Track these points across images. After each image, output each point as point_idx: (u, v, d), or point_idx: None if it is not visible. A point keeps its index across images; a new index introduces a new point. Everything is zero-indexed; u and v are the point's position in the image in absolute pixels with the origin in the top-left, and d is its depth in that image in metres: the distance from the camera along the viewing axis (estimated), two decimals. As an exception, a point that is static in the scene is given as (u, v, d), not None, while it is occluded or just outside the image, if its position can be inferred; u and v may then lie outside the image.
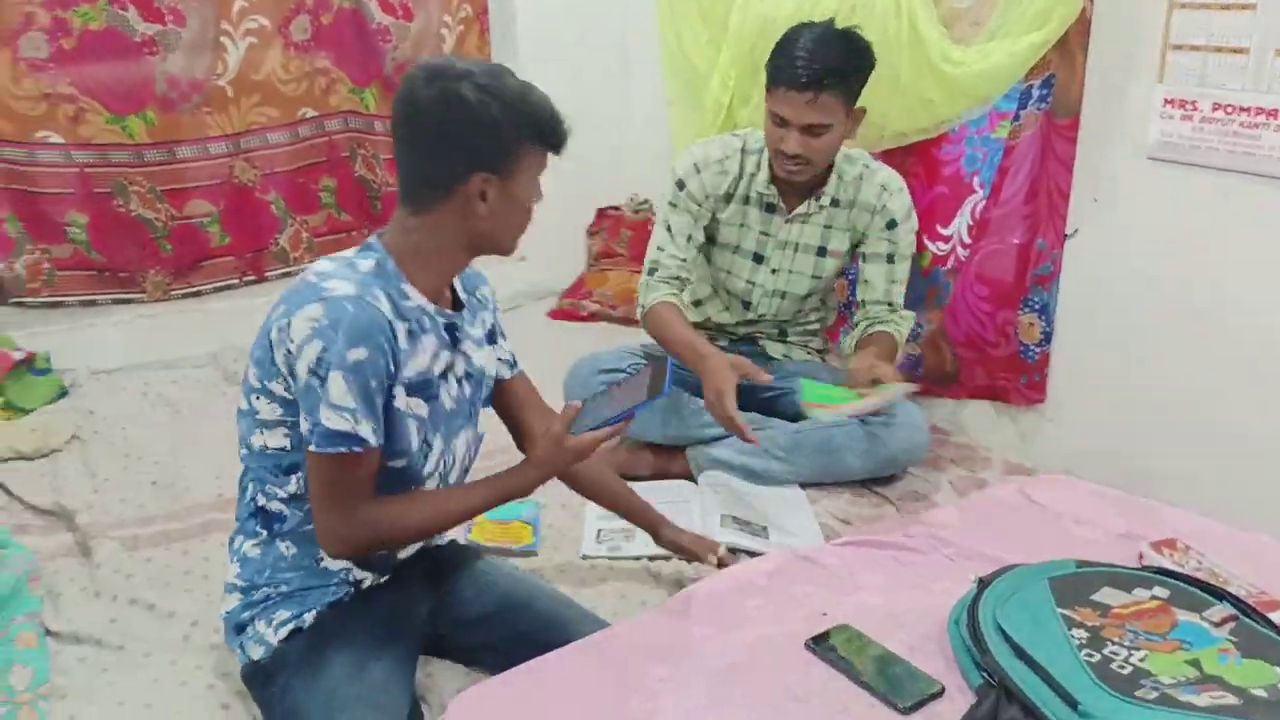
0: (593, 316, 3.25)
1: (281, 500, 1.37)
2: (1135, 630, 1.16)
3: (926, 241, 2.60)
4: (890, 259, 2.17)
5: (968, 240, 2.49)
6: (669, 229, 2.18)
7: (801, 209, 2.15)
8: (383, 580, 1.45)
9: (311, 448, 1.26)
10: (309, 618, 1.38)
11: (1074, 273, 2.23)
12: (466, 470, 1.52)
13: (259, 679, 1.40)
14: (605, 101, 3.37)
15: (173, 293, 2.94)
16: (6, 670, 1.47)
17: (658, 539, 1.73)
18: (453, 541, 1.63)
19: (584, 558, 1.85)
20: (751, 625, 1.31)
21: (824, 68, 1.93)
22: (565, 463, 1.44)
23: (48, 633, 1.62)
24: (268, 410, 1.33)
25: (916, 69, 2.34)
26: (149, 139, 2.81)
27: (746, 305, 2.29)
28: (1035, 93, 2.24)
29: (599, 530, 1.92)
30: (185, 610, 1.69)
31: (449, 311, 1.39)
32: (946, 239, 2.57)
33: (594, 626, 1.47)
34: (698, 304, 2.36)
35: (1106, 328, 2.19)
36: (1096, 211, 2.17)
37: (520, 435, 1.61)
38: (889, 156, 2.59)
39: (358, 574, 1.43)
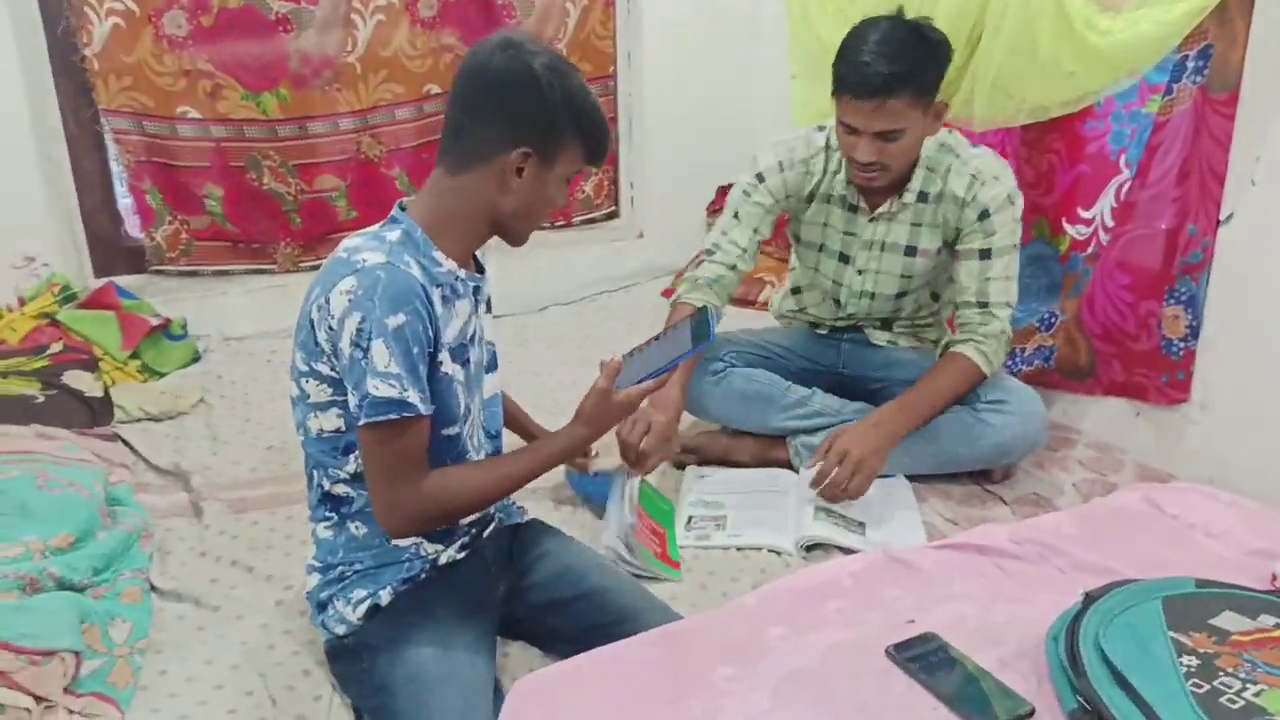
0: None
1: (344, 482, 1.38)
2: (1254, 661, 1.04)
3: (1065, 224, 2.44)
4: (985, 254, 1.97)
5: (1110, 224, 2.30)
6: (736, 215, 2.10)
7: (885, 207, 2.02)
8: (460, 556, 1.45)
9: (362, 421, 1.26)
10: (385, 595, 1.39)
11: (1226, 262, 2.03)
12: (491, 435, 1.51)
13: (344, 657, 1.42)
14: (730, 76, 3.30)
15: (302, 264, 3.03)
16: (109, 622, 1.53)
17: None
18: (533, 520, 1.62)
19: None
20: (831, 628, 1.24)
21: (887, 72, 1.78)
22: (614, 417, 1.46)
23: (153, 589, 1.68)
24: (318, 392, 1.33)
25: (1058, 38, 2.17)
26: (282, 115, 2.90)
27: (837, 303, 2.21)
28: (1190, 64, 2.04)
29: (690, 518, 1.87)
30: (281, 574, 1.73)
31: (477, 275, 1.41)
32: (1088, 222, 2.39)
33: (667, 618, 1.43)
34: (796, 291, 2.27)
35: (1260, 324, 1.98)
36: (1254, 196, 1.96)
37: None
38: (1027, 132, 2.44)
39: (429, 548, 1.42)
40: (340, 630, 1.40)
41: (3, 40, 2.54)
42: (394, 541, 1.40)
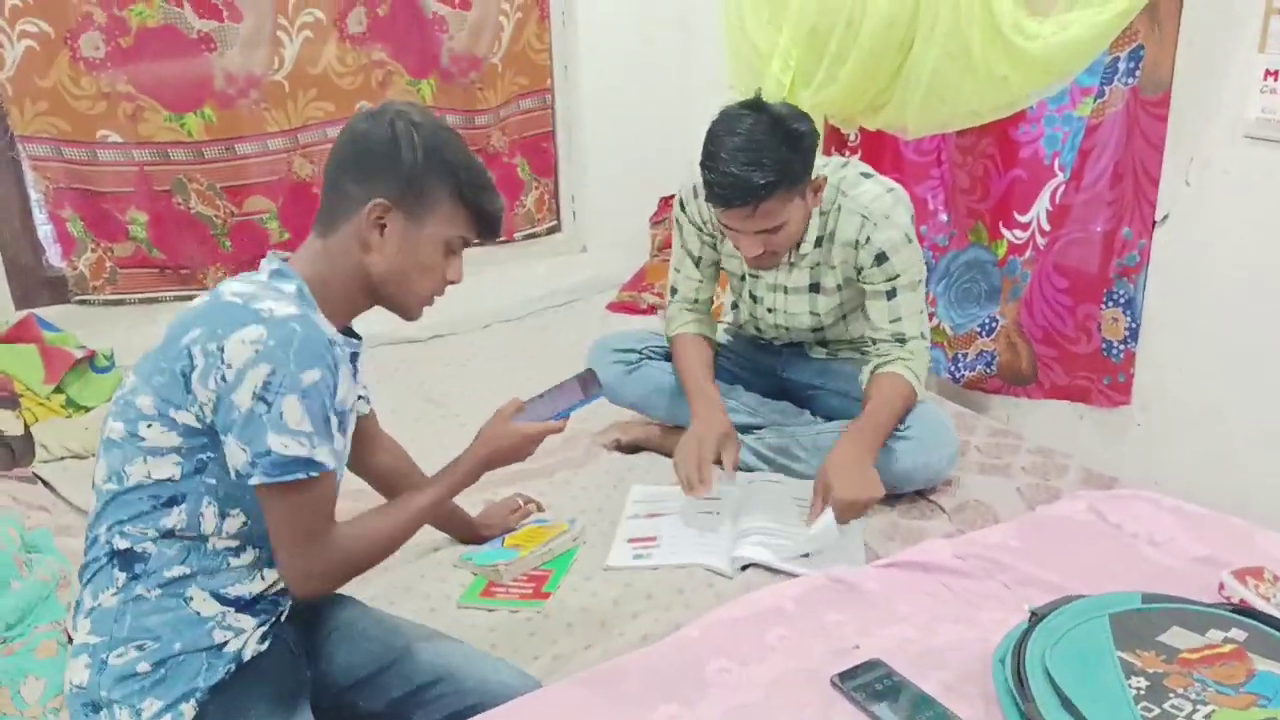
0: (652, 309, 3.14)
1: (151, 539, 1.22)
2: (1204, 680, 1.02)
3: (1002, 229, 2.44)
4: (890, 294, 1.92)
5: (1047, 228, 2.31)
6: (681, 247, 2.12)
7: (784, 258, 1.98)
8: (264, 647, 1.28)
9: (260, 481, 1.16)
10: (187, 710, 1.21)
11: (1163, 263, 2.04)
12: None
13: None
14: (667, 86, 3.28)
15: (233, 289, 2.94)
16: (21, 681, 1.45)
17: (473, 538, 1.81)
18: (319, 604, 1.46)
19: (606, 569, 1.76)
20: (774, 658, 1.20)
21: (754, 182, 1.71)
22: (512, 443, 1.46)
23: (70, 641, 1.60)
24: (161, 438, 1.19)
25: (988, 43, 2.17)
26: (207, 136, 2.81)
27: (759, 329, 2.21)
28: (1121, 66, 2.05)
29: (629, 538, 1.83)
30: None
31: (353, 340, 1.34)
32: (1024, 226, 2.40)
33: (490, 667, 1.36)
34: (735, 306, 2.26)
35: (1199, 324, 1.99)
36: (1189, 196, 1.97)
37: (369, 473, 1.62)
38: (962, 137, 2.44)
39: (235, 621, 1.26)
40: None
41: (-92, 66, 2.44)
42: (194, 606, 1.23)
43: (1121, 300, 2.11)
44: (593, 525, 1.90)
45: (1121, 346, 2.13)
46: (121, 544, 1.22)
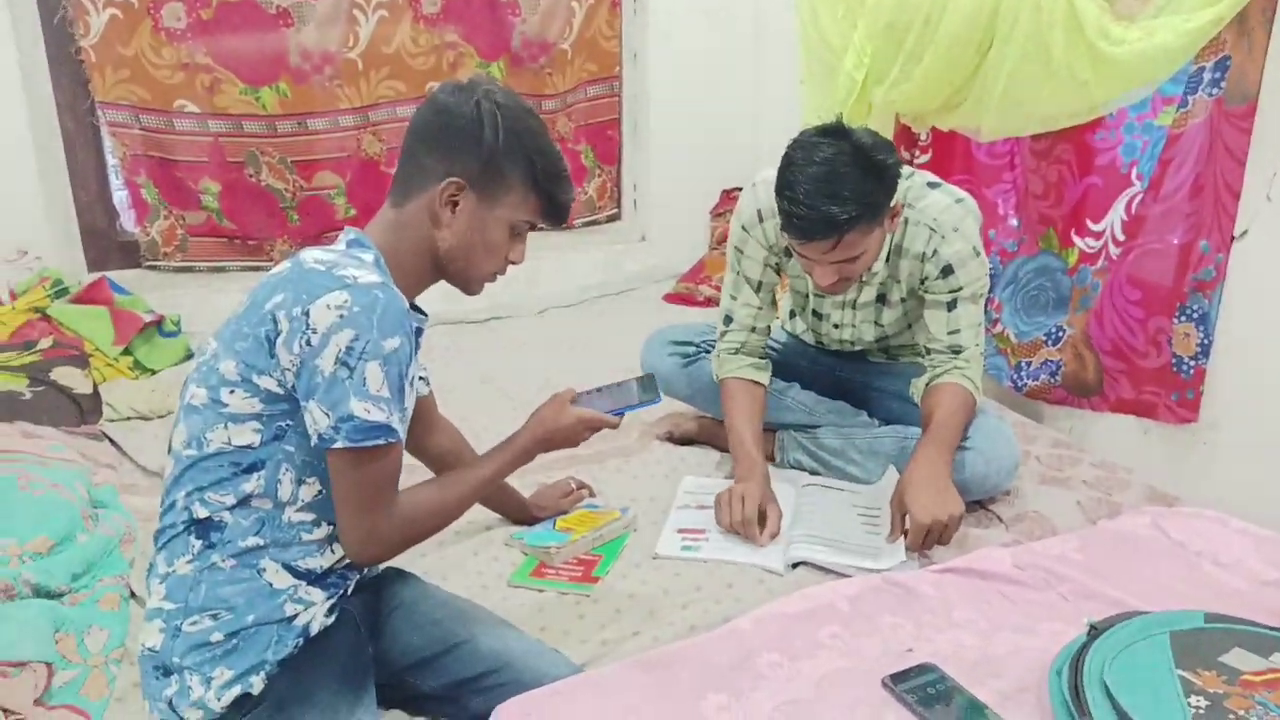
0: (709, 302, 3.13)
1: (227, 508, 1.23)
2: (1266, 703, 1.00)
3: (1074, 237, 2.39)
4: (951, 305, 1.86)
5: (1121, 238, 2.26)
6: (738, 273, 2.01)
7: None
8: (330, 621, 1.30)
9: (339, 445, 1.17)
10: (257, 682, 1.22)
11: (1240, 279, 1.98)
12: None
13: None
14: (737, 78, 3.27)
15: (298, 262, 2.99)
16: (85, 631, 1.49)
17: (525, 519, 1.82)
18: (389, 569, 1.49)
19: (655, 557, 1.76)
20: (826, 655, 1.20)
21: (835, 219, 1.63)
22: (569, 425, 1.47)
23: (132, 595, 1.64)
24: (243, 404, 1.21)
25: (1070, 47, 2.13)
26: (281, 110, 2.86)
27: (821, 343, 2.18)
28: (1206, 76, 1.99)
29: (679, 529, 1.83)
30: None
31: (419, 315, 1.36)
32: (1097, 235, 2.35)
33: (548, 661, 1.36)
34: (792, 315, 2.24)
35: (1273, 343, 1.93)
36: (1270, 212, 1.91)
37: (425, 454, 1.66)
38: (1036, 142, 2.40)
39: (306, 594, 1.28)
40: (195, 717, 1.21)
41: (-1, 30, 2.51)
42: (267, 578, 1.25)
43: (1195, 315, 2.06)
44: (643, 514, 1.90)
45: (1192, 363, 2.08)
46: (200, 512, 1.23)
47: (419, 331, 1.35)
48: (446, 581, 1.63)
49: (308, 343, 1.16)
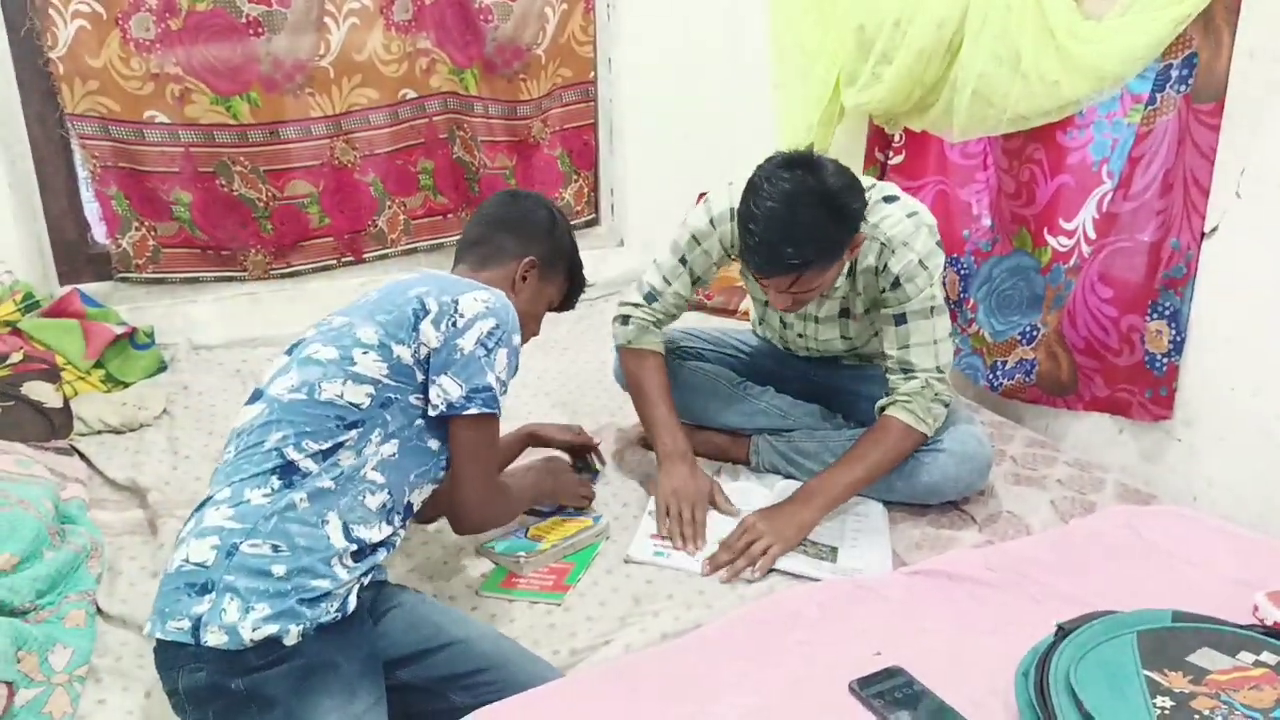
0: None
1: (314, 456, 1.34)
2: (1231, 702, 0.99)
3: (1047, 236, 2.39)
4: (899, 320, 1.85)
5: (1092, 236, 2.26)
6: (683, 260, 1.99)
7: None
8: (354, 605, 1.34)
9: (471, 410, 1.41)
10: (293, 633, 1.24)
11: (1211, 276, 1.98)
12: None
13: (220, 704, 1.24)
14: (711, 81, 3.25)
15: (272, 272, 2.97)
16: (49, 649, 1.47)
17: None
18: (385, 581, 1.51)
19: (627, 560, 1.75)
20: (793, 661, 1.19)
21: (787, 262, 1.65)
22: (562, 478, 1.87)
23: (99, 611, 1.62)
24: (371, 367, 1.40)
25: (1039, 46, 2.13)
26: (253, 119, 2.83)
27: (788, 348, 2.18)
28: (1174, 73, 2.00)
29: (651, 535, 1.82)
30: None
31: None
32: (1070, 234, 2.35)
33: (534, 663, 1.39)
34: (762, 320, 2.23)
35: (1246, 339, 1.94)
36: (1239, 208, 1.92)
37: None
38: (1008, 141, 2.40)
39: (349, 563, 1.33)
40: (218, 640, 1.21)
41: (-36, 43, 2.49)
42: (328, 528, 1.31)
43: (1167, 312, 2.06)
44: (617, 519, 1.89)
45: (1165, 360, 2.08)
46: (292, 454, 1.34)
47: None
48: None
49: (454, 324, 1.42)
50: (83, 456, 2.19)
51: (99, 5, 2.59)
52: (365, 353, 1.40)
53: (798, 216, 1.62)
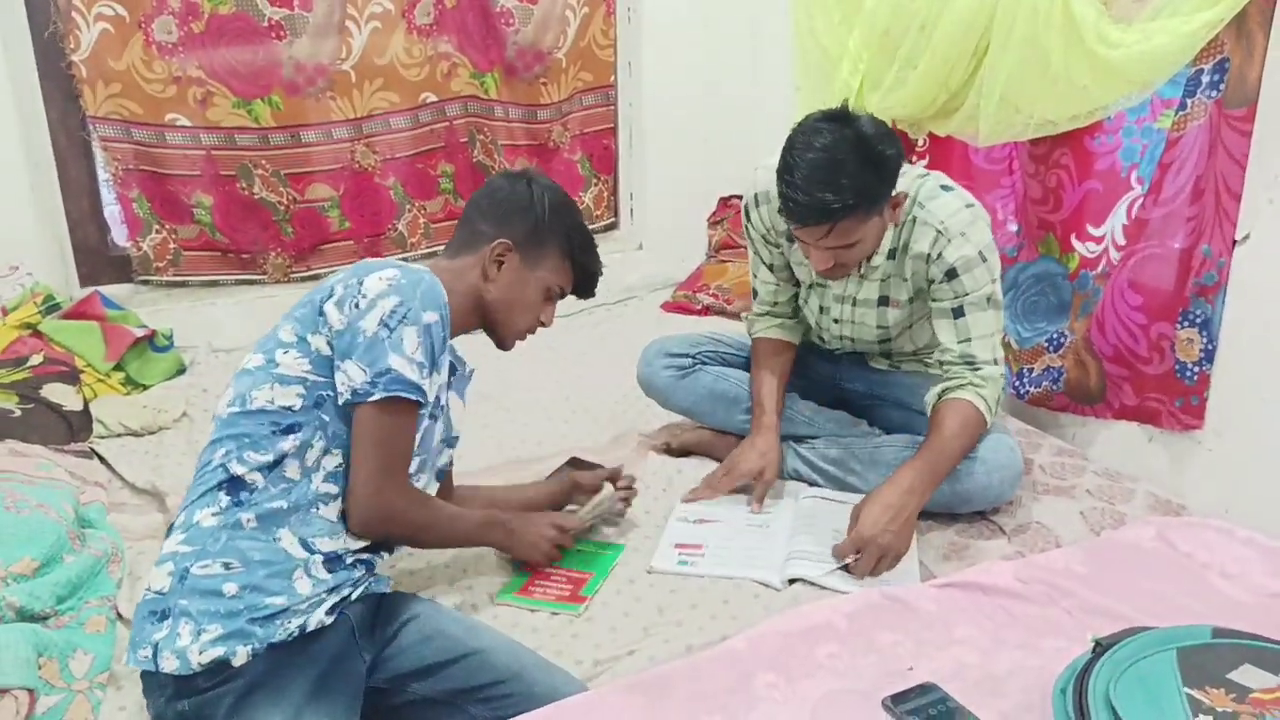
0: (706, 310, 3.10)
1: (259, 469, 1.32)
2: (1279, 724, 0.97)
3: (1075, 242, 2.36)
4: (957, 312, 1.84)
5: (1121, 242, 2.23)
6: (755, 252, 2.09)
7: (854, 270, 1.91)
8: (329, 620, 1.31)
9: (374, 397, 1.30)
10: (241, 654, 1.23)
11: (1243, 284, 1.95)
12: None
13: (162, 703, 1.25)
14: (732, 85, 3.25)
15: (292, 275, 2.97)
16: (70, 655, 1.46)
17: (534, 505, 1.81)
18: (398, 592, 1.51)
19: (650, 571, 1.73)
20: (823, 675, 1.17)
21: (830, 205, 1.64)
22: (539, 520, 1.67)
23: (119, 617, 1.61)
24: (293, 365, 1.34)
25: (1068, 51, 2.10)
26: (274, 123, 2.84)
27: (821, 339, 2.16)
28: (1205, 78, 1.97)
29: (675, 544, 1.80)
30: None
31: (457, 355, 1.56)
32: (1098, 240, 2.32)
33: (556, 676, 1.36)
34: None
35: (1277, 347, 1.91)
36: (1272, 215, 1.89)
37: None
38: (1035, 146, 2.37)
39: (318, 571, 1.31)
40: (170, 665, 1.22)
41: (-12, 45, 2.50)
42: (281, 543, 1.30)
43: (1198, 320, 2.03)
44: (640, 527, 1.88)
45: (1196, 368, 2.05)
46: (236, 469, 1.31)
47: (454, 371, 1.54)
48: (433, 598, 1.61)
49: (356, 305, 1.32)
50: (102, 459, 2.19)
51: (122, 8, 2.60)
52: (285, 351, 1.35)
53: (834, 161, 1.64)
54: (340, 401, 1.33)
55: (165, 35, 2.66)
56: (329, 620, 1.31)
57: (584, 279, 1.59)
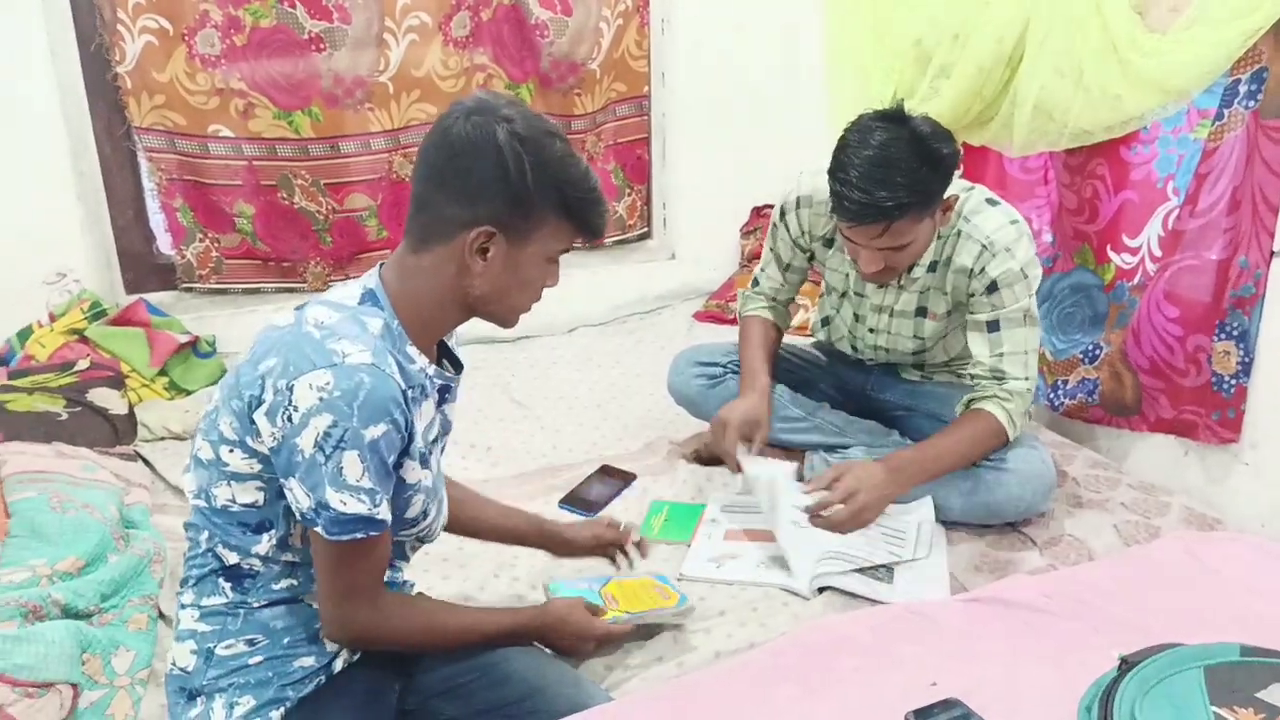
0: (738, 320, 3.10)
1: (256, 558, 1.22)
2: (1309, 747, 0.96)
3: (1110, 253, 2.35)
4: (993, 326, 1.84)
5: (1158, 253, 2.21)
6: (772, 250, 2.11)
7: (894, 280, 1.92)
8: (355, 658, 1.30)
9: (320, 534, 1.14)
10: (275, 717, 1.22)
11: (1281, 296, 1.93)
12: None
13: None
14: (766, 95, 3.24)
15: (331, 283, 3.01)
16: (112, 652, 1.51)
17: (557, 551, 1.64)
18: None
19: (680, 578, 1.73)
20: (845, 689, 1.18)
21: (885, 204, 1.63)
22: (580, 629, 1.42)
23: (161, 616, 1.66)
24: (242, 464, 1.17)
25: (1102, 60, 2.10)
26: (314, 134, 2.88)
27: (855, 348, 2.16)
28: (1242, 88, 1.95)
29: (705, 550, 1.81)
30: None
31: (447, 375, 1.30)
32: (1134, 251, 2.30)
33: (582, 690, 1.32)
34: (826, 322, 2.22)
35: (1318, 361, 1.89)
36: (1312, 226, 1.87)
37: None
38: (1070, 156, 2.36)
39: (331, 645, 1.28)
40: None
41: (38, 57, 2.56)
42: (307, 600, 1.26)
43: (1235, 332, 2.01)
44: (669, 536, 1.89)
45: (1233, 381, 2.03)
46: (230, 558, 1.22)
47: (446, 389, 1.31)
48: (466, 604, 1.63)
49: (289, 419, 1.10)
50: (146, 462, 2.24)
51: (166, 21, 2.66)
52: (231, 450, 1.17)
53: (889, 160, 1.63)
54: (299, 518, 1.16)
55: (208, 48, 2.72)
56: (355, 657, 1.30)
57: (588, 230, 1.25)
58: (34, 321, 2.62)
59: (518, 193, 1.16)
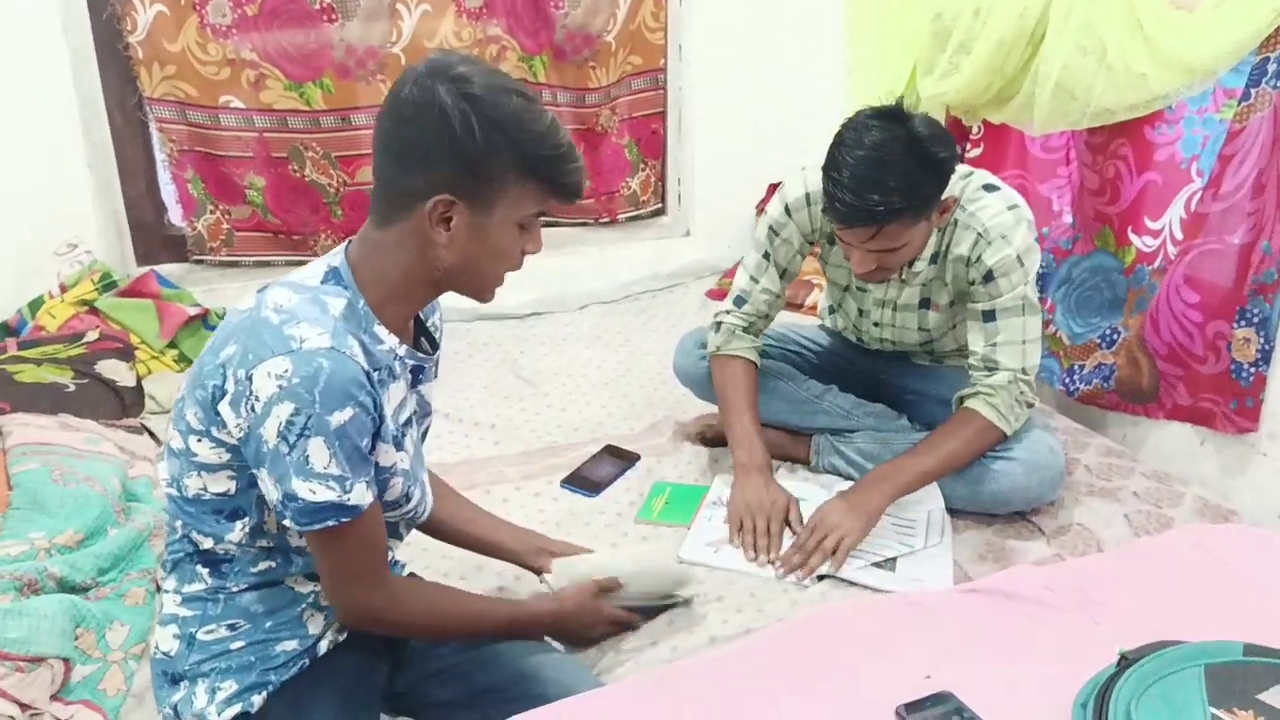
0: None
1: (229, 543, 1.20)
2: (1310, 753, 0.93)
3: (1131, 235, 2.30)
4: (989, 316, 1.78)
5: (1179, 236, 2.16)
6: (766, 256, 1.96)
7: (894, 275, 1.86)
8: (341, 638, 1.29)
9: (291, 524, 1.11)
10: (257, 700, 1.21)
11: (1305, 282, 1.88)
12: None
13: None
14: (782, 71, 3.19)
15: (342, 256, 3.00)
16: (107, 626, 1.51)
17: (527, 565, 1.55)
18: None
19: (679, 561, 1.71)
20: (841, 679, 1.15)
21: (871, 211, 1.58)
22: (591, 618, 1.47)
23: (158, 590, 1.65)
24: (210, 454, 1.14)
25: (1126, 37, 2.04)
26: (325, 106, 2.86)
27: (861, 340, 2.12)
28: (1271, 68, 1.89)
29: (705, 537, 1.79)
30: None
31: (419, 355, 1.25)
32: (1155, 234, 2.25)
33: (572, 675, 1.31)
34: (832, 311, 2.18)
35: (1342, 350, 1.84)
36: (1339, 211, 1.81)
37: None
38: (1093, 136, 2.31)
39: (315, 626, 1.27)
40: None
41: (50, 26, 2.55)
42: (288, 584, 1.24)
43: (1255, 319, 1.96)
44: (671, 518, 1.87)
45: (1252, 369, 1.98)
46: (205, 543, 1.21)
47: (420, 369, 1.27)
48: (466, 582, 1.62)
49: (252, 409, 1.07)
50: (152, 435, 2.24)
51: (177, -9, 2.64)
52: (199, 440, 1.14)
53: (883, 161, 1.58)
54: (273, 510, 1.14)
55: (220, 18, 2.70)
56: (342, 638, 1.29)
57: (559, 191, 1.16)
58: (45, 292, 2.62)
59: (469, 155, 1.10)
